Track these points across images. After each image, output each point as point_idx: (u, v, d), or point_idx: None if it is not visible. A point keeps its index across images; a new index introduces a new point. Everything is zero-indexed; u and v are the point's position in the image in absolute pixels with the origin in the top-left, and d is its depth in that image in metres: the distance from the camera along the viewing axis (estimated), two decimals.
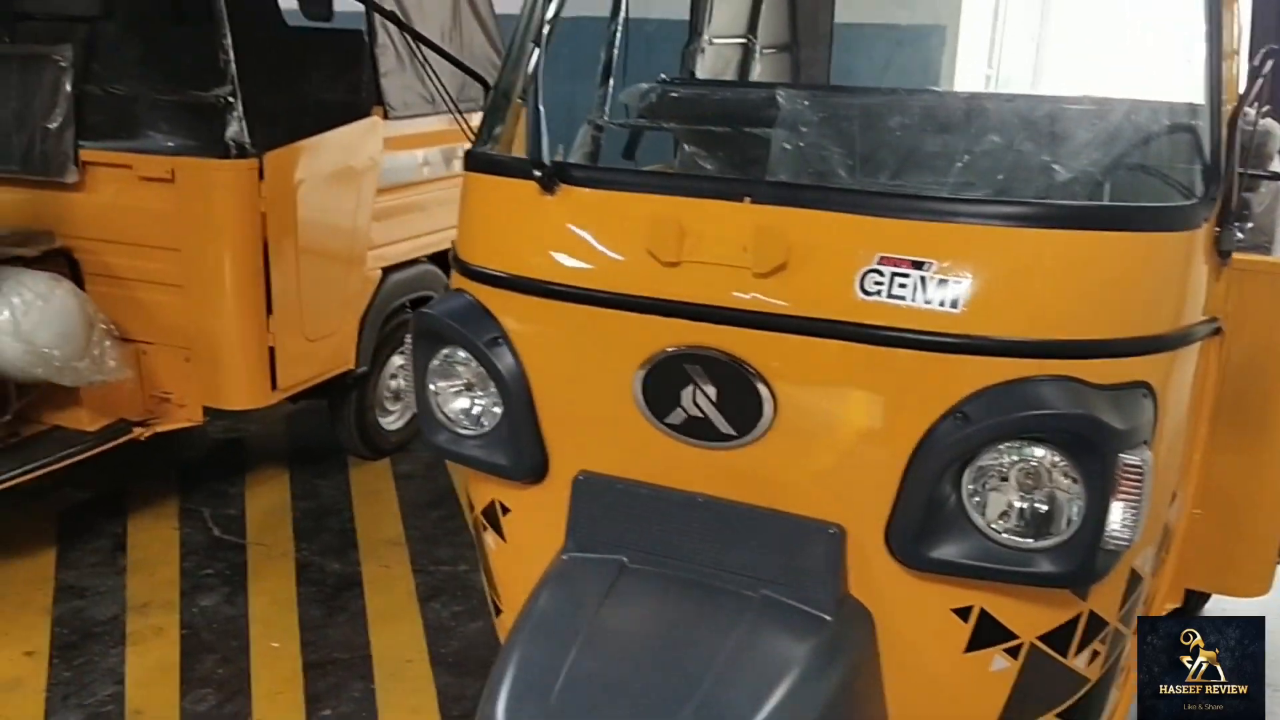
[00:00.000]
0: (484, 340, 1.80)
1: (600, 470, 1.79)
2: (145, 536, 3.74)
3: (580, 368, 1.76)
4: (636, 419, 1.70)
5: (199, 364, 3.61)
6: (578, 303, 1.72)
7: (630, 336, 1.67)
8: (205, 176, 3.45)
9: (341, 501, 4.07)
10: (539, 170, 1.76)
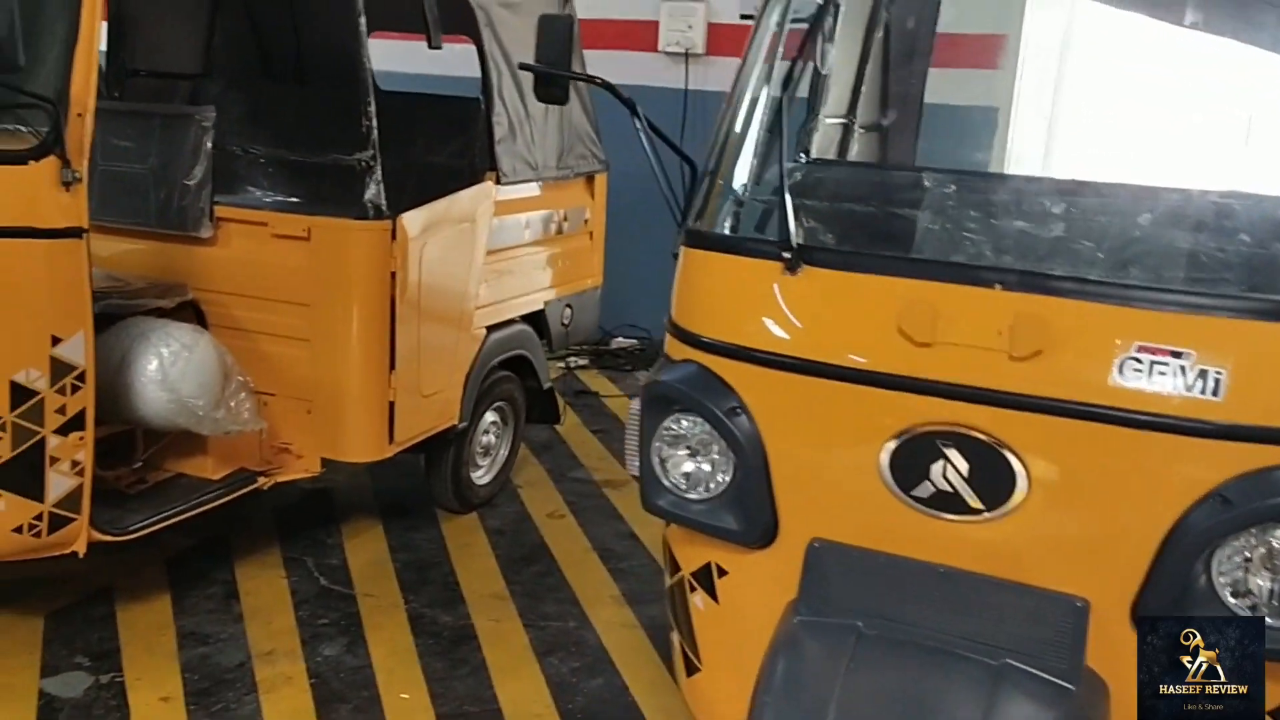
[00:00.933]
0: (724, 409, 1.90)
1: (835, 538, 1.88)
2: (255, 584, 3.78)
3: (823, 439, 1.86)
4: (879, 490, 1.81)
5: (320, 416, 3.69)
6: (825, 378, 1.83)
7: (880, 412, 1.78)
8: (341, 236, 3.56)
9: (439, 554, 4.13)
10: (788, 253, 1.87)
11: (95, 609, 3.54)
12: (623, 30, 6.92)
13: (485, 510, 4.54)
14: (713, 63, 6.89)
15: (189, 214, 3.63)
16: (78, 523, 2.99)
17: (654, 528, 4.43)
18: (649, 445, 2.00)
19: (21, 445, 2.80)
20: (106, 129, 3.41)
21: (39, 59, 2.69)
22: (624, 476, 5.01)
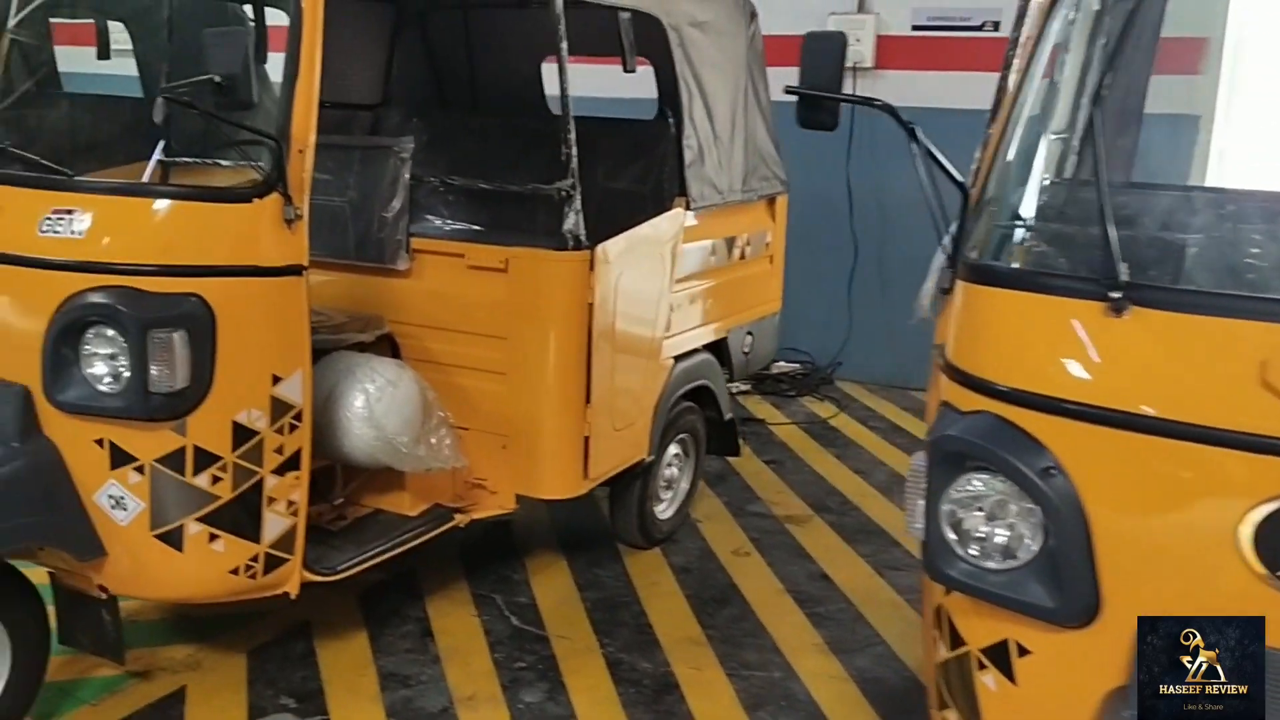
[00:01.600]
0: (1036, 468, 1.69)
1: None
2: (449, 623, 3.70)
3: (1162, 505, 1.64)
4: (1236, 568, 1.57)
5: (516, 451, 3.59)
6: (1167, 436, 1.60)
7: (1243, 477, 1.54)
8: (541, 267, 3.46)
9: (627, 593, 3.99)
10: (1115, 292, 1.65)
11: (295, 646, 3.50)
12: (785, 46, 6.72)
13: (667, 546, 4.39)
14: (882, 76, 6.65)
15: (386, 246, 3.58)
16: (291, 563, 2.94)
17: (848, 570, 4.24)
18: (937, 506, 1.80)
19: (241, 486, 2.76)
20: None
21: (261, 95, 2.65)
22: (805, 511, 4.81)
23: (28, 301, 2.60)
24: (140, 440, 2.63)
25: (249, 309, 2.67)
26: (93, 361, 2.56)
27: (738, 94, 4.37)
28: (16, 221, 2.61)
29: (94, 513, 2.72)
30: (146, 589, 2.86)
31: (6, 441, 2.63)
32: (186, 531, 2.73)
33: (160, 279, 2.55)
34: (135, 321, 2.50)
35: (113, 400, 2.55)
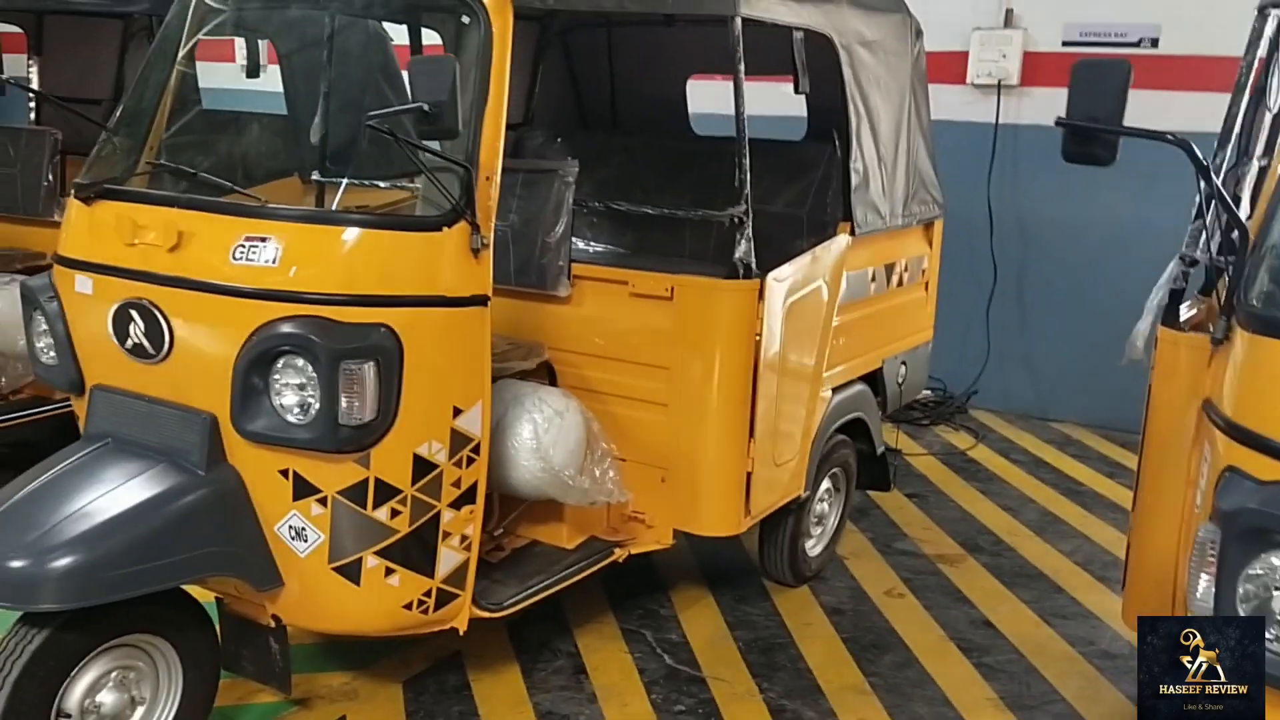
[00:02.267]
0: None
1: None
2: (600, 659, 3.60)
3: None
4: None
5: (675, 485, 3.48)
6: None
7: None
8: (709, 296, 3.34)
9: (780, 634, 3.84)
10: None
11: (448, 678, 3.44)
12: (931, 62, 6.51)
13: (816, 584, 4.23)
14: (1028, 94, 6.41)
15: (548, 272, 3.50)
16: (461, 599, 2.87)
17: (1011, 617, 4.02)
18: (1233, 585, 1.62)
19: (419, 520, 2.69)
20: None
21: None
22: (957, 551, 4.61)
23: (218, 330, 2.57)
24: (324, 472, 2.59)
25: (435, 340, 2.60)
26: (282, 391, 2.52)
27: (902, 115, 4.21)
28: (208, 249, 2.59)
29: (274, 543, 2.68)
30: (320, 621, 2.81)
31: (193, 470, 2.60)
32: (364, 565, 2.67)
33: (350, 309, 2.50)
34: (327, 352, 2.45)
35: (301, 431, 2.51)
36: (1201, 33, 5.95)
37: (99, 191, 2.82)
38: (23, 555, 2.41)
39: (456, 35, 2.77)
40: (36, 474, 2.64)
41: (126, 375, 2.74)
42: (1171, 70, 6.05)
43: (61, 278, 2.85)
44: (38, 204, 4.94)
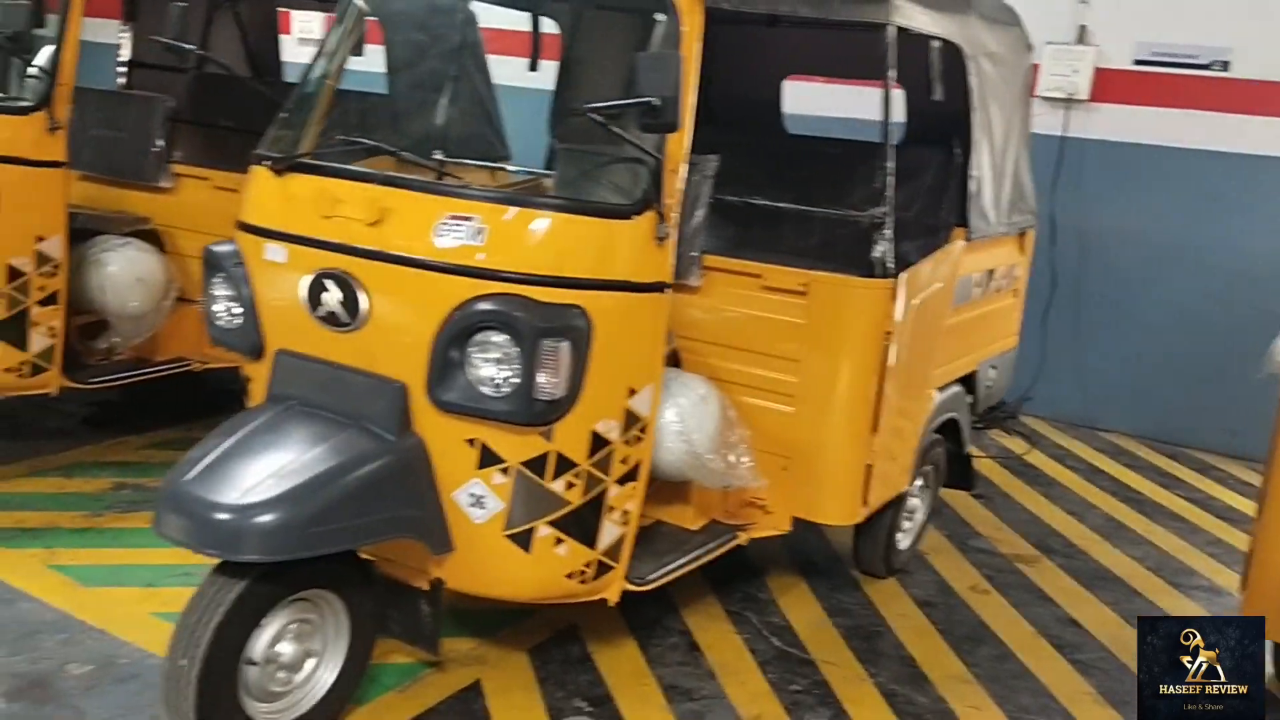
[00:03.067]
0: None
1: None
2: (711, 638, 3.73)
3: None
4: None
5: (797, 474, 3.61)
6: None
7: None
8: (844, 294, 3.46)
9: (877, 623, 3.98)
10: None
11: (570, 648, 3.56)
12: None
13: (903, 577, 4.37)
14: (1097, 110, 6.54)
15: (682, 262, 3.59)
16: (615, 571, 3.00)
17: (1095, 617, 4.15)
18: None
19: (590, 493, 2.82)
20: None
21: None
22: (1031, 551, 4.76)
23: (417, 303, 2.69)
24: (511, 443, 2.70)
25: (619, 322, 2.72)
26: (480, 365, 2.63)
27: (1010, 126, 4.34)
28: (411, 225, 2.70)
29: (450, 509, 2.80)
30: (485, 586, 2.93)
31: (383, 435, 2.72)
32: (536, 534, 2.79)
33: (549, 289, 2.62)
34: (531, 329, 2.57)
35: (497, 404, 2.63)
36: (1274, 57, 6.09)
37: (292, 164, 2.93)
38: (229, 509, 2.52)
39: (643, 31, 2.87)
40: (227, 432, 2.76)
41: (315, 342, 2.85)
42: (1243, 94, 6.20)
43: (249, 245, 2.96)
44: (144, 169, 5.04)
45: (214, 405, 5.57)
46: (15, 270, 4.10)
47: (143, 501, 4.41)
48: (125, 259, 4.67)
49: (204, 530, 2.51)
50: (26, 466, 4.67)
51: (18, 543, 3.96)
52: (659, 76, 2.43)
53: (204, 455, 2.66)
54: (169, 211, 5.05)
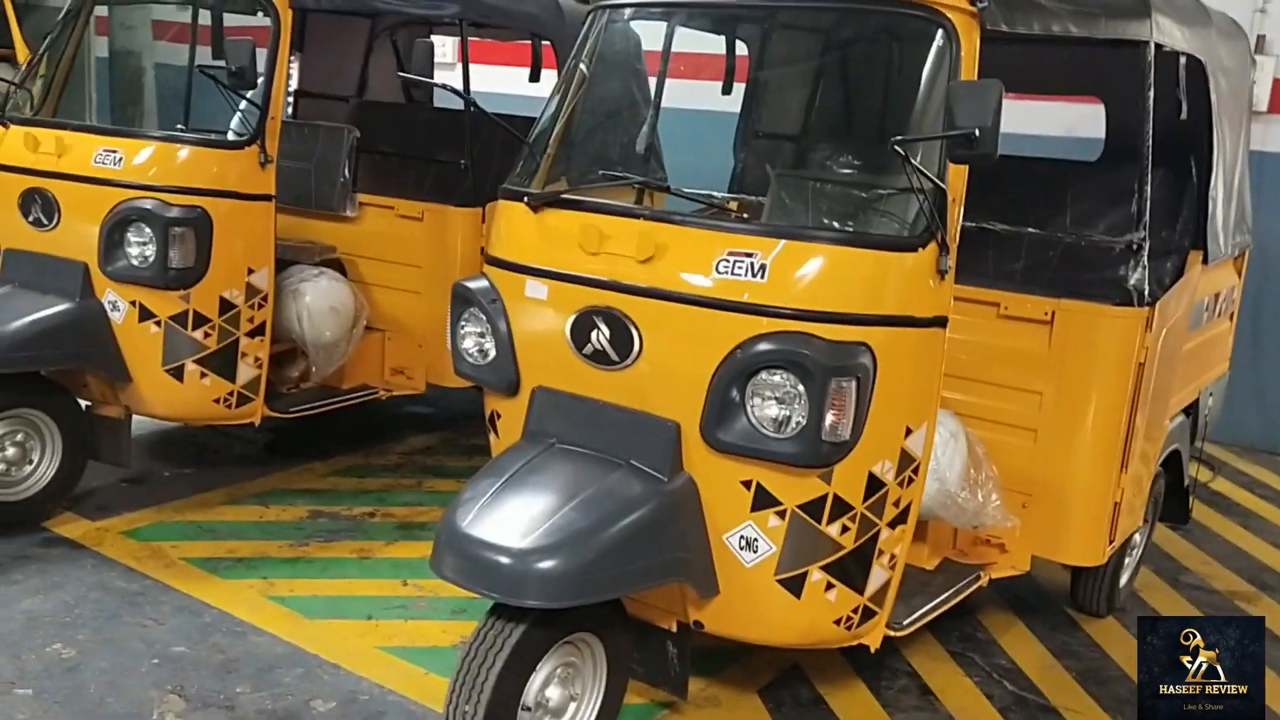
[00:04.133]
0: None
1: None
2: (940, 681, 3.59)
3: None
4: None
5: (1039, 511, 3.45)
6: None
7: None
8: (1096, 322, 3.31)
9: (1109, 665, 3.80)
10: None
11: (799, 690, 3.46)
12: None
13: (1120, 615, 4.16)
14: (1277, 121, 6.25)
15: None
16: (879, 616, 2.89)
17: None
18: None
19: (862, 537, 2.71)
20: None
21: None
22: (1247, 588, 4.54)
23: (696, 342, 2.61)
24: (788, 485, 2.61)
25: (901, 360, 2.61)
26: (762, 405, 2.55)
27: (1238, 142, 4.13)
28: (688, 262, 2.63)
29: (718, 551, 2.71)
30: (748, 630, 2.84)
31: (656, 476, 2.65)
32: (808, 578, 2.69)
33: (836, 326, 2.52)
34: (821, 369, 2.47)
35: (781, 445, 2.54)
36: None
37: (549, 200, 2.89)
38: (513, 554, 2.47)
39: (915, 53, 2.77)
40: (497, 472, 2.71)
41: (577, 379, 2.80)
42: None
43: (505, 281, 2.92)
44: (332, 198, 5.10)
45: (389, 430, 5.67)
46: (227, 302, 4.16)
47: (341, 531, 4.44)
48: (320, 289, 4.72)
49: (487, 574, 2.47)
50: (224, 494, 4.73)
51: (234, 573, 4.00)
52: (978, 105, 2.33)
53: (479, 496, 2.62)
54: (353, 240, 5.10)
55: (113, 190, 4.01)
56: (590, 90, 3.19)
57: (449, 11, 4.85)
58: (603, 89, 3.23)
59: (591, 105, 3.26)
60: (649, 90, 4.82)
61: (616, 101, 4.45)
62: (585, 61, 3.14)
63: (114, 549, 4.12)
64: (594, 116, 3.24)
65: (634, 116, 3.68)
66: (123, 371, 4.14)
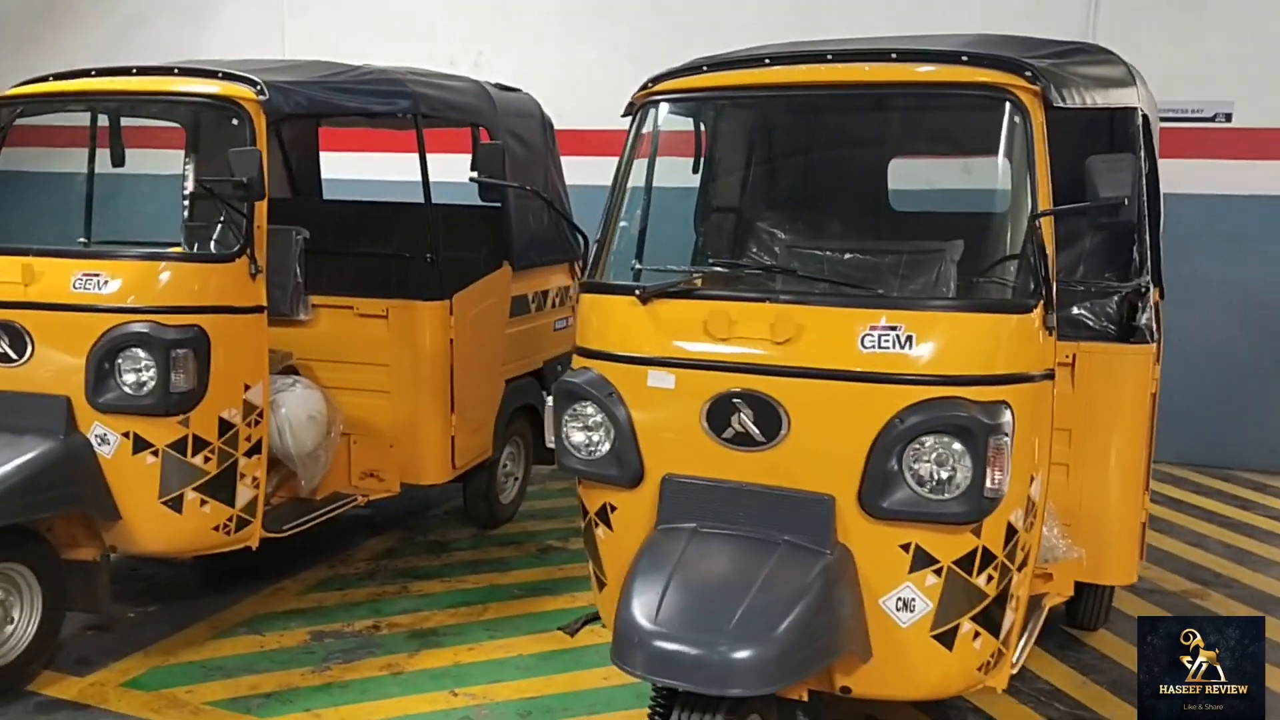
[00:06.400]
0: None
1: None
2: (1002, 710, 3.78)
3: None
4: None
5: (1077, 539, 3.72)
6: None
7: None
8: (1120, 360, 3.62)
9: (1127, 675, 4.08)
10: None
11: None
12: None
13: (1108, 625, 4.51)
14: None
15: None
16: (1007, 657, 3.04)
17: None
18: None
19: (1002, 584, 2.87)
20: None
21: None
22: (1192, 586, 4.97)
23: (849, 416, 2.71)
24: (944, 543, 2.74)
25: (1028, 414, 2.80)
26: (925, 470, 2.67)
27: None
28: (831, 339, 2.74)
29: (872, 615, 2.81)
30: (901, 689, 2.92)
31: (818, 551, 2.72)
32: (960, 630, 2.82)
33: (982, 388, 2.69)
34: (982, 429, 2.63)
35: (946, 506, 2.67)
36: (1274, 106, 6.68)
37: (657, 291, 2.94)
38: (711, 646, 2.49)
39: (984, 129, 3.02)
40: (656, 565, 2.71)
41: (713, 464, 2.84)
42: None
43: (620, 373, 2.93)
44: (284, 303, 4.87)
45: (333, 539, 5.35)
46: (225, 422, 3.92)
47: (355, 649, 4.23)
48: (296, 398, 4.51)
49: (688, 667, 2.47)
50: (208, 628, 4.40)
51: (271, 710, 3.74)
52: (1120, 177, 2.57)
53: (651, 589, 2.62)
54: (308, 344, 4.90)
55: (99, 316, 3.72)
56: (650, 181, 3.26)
57: (400, 107, 4.80)
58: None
59: (649, 196, 3.33)
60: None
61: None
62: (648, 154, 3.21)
63: (124, 704, 3.76)
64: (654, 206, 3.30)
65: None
66: (112, 509, 3.81)
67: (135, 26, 9.72)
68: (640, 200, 3.29)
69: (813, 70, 3.07)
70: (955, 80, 2.94)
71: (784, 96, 3.25)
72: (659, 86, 3.31)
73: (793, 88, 3.12)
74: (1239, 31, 6.76)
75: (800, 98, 3.24)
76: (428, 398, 4.85)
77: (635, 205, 3.28)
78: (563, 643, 4.30)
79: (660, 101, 3.33)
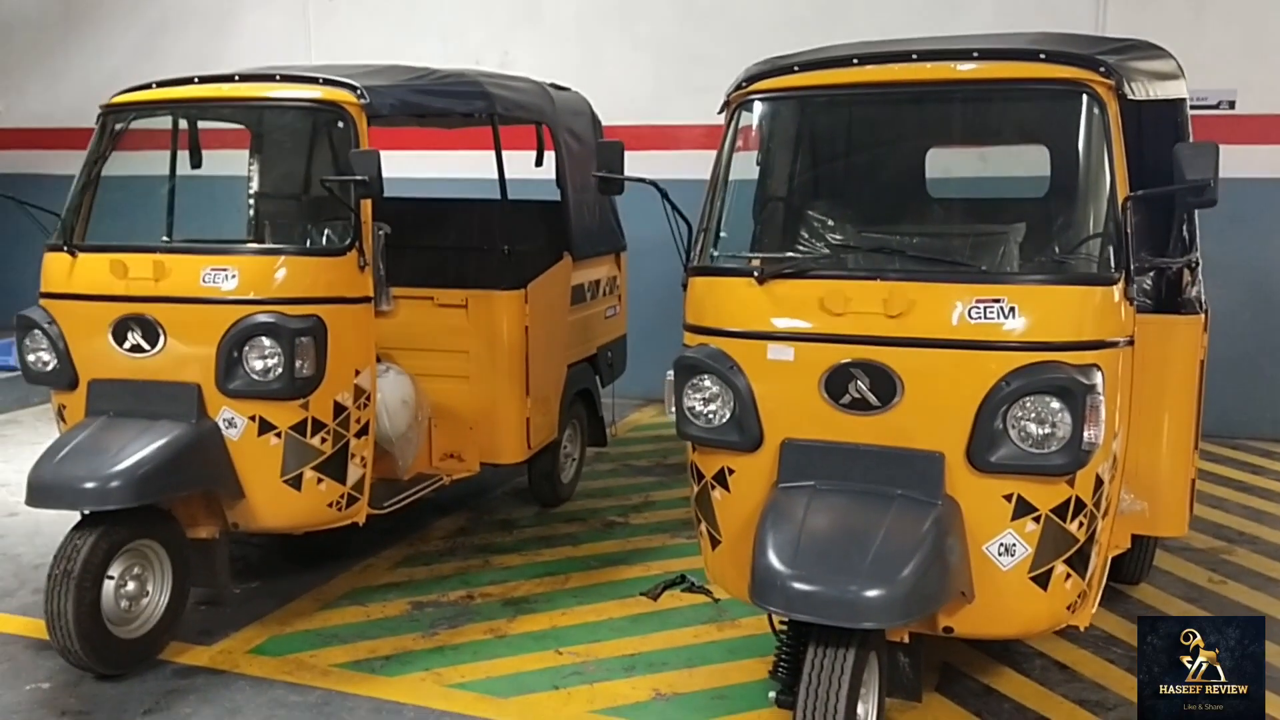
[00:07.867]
0: None
1: None
2: (1074, 658, 4.10)
3: None
4: None
5: (1134, 495, 4.05)
6: None
7: None
8: (1173, 329, 3.91)
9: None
10: None
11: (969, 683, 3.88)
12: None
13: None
14: None
15: None
16: (1090, 596, 3.36)
17: None
18: None
19: (1089, 529, 3.19)
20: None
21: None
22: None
23: (958, 382, 3.02)
24: (1043, 493, 3.06)
25: (1115, 375, 3.11)
26: (1027, 426, 2.99)
27: None
28: (939, 313, 3.05)
29: (976, 561, 3.12)
30: (998, 626, 3.24)
31: (929, 502, 3.03)
32: (1054, 572, 3.14)
33: (1075, 353, 3.02)
34: (1081, 389, 2.94)
35: (1048, 459, 2.98)
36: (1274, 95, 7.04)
37: (774, 273, 3.25)
38: (846, 585, 2.80)
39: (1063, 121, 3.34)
40: (785, 518, 3.02)
41: (830, 427, 3.14)
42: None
43: (739, 348, 3.24)
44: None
45: (400, 523, 5.56)
46: (339, 405, 4.19)
47: (457, 616, 4.51)
48: (390, 384, 4.78)
49: (827, 605, 2.78)
50: (313, 601, 4.66)
51: (394, 670, 4.02)
52: (1205, 161, 2.89)
53: (785, 539, 2.92)
54: (389, 334, 5.14)
55: (228, 308, 3.98)
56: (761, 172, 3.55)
57: (478, 108, 5.08)
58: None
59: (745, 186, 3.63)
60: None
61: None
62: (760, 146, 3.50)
63: (257, 668, 4.03)
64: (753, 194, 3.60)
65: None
66: (237, 488, 4.08)
67: (159, 33, 9.90)
68: (737, 191, 3.58)
69: (905, 69, 3.38)
70: (1040, 76, 3.25)
71: (876, 94, 3.55)
72: (755, 85, 3.61)
73: (886, 86, 3.43)
74: (1241, 22, 7.14)
75: (890, 94, 3.54)
76: (506, 382, 5.13)
77: (737, 196, 3.57)
78: (647, 606, 4.62)
79: (755, 100, 3.62)
